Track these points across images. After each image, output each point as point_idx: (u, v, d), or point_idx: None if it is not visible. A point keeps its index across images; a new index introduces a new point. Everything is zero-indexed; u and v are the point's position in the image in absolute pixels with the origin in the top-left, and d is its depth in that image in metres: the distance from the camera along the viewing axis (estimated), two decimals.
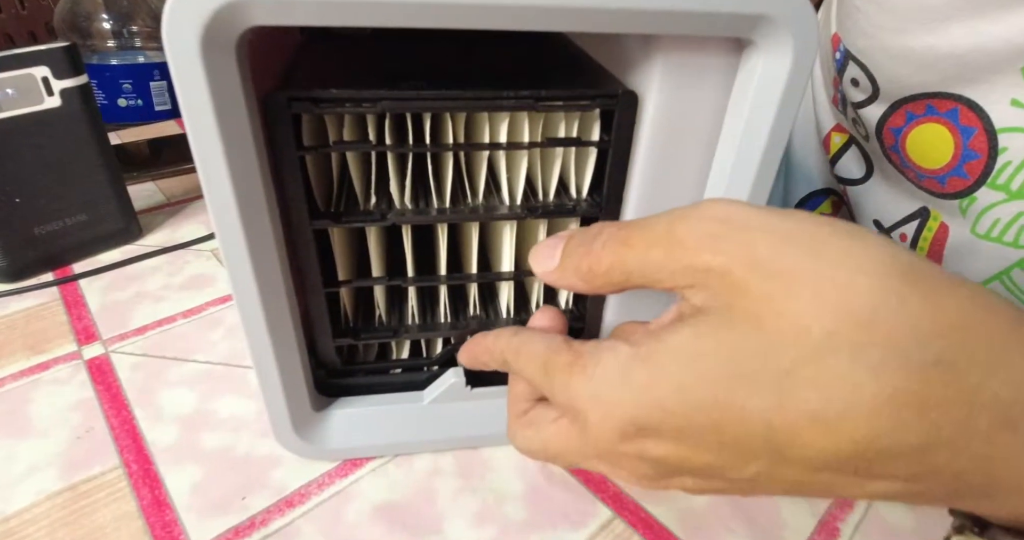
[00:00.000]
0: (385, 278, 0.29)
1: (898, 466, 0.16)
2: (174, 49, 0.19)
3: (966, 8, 0.34)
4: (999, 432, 0.15)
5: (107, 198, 0.46)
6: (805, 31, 0.21)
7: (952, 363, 0.15)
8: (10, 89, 0.40)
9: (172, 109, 0.97)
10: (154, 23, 0.95)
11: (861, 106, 0.45)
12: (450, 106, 0.24)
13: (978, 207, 0.39)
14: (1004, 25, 0.33)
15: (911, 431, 0.15)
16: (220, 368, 0.37)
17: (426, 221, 0.28)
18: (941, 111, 0.38)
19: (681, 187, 0.27)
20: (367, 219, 0.27)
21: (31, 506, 0.29)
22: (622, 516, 0.29)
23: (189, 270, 0.46)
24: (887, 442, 0.15)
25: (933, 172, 0.40)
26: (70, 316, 0.41)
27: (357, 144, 0.26)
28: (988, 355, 0.15)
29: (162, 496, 0.29)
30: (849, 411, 0.15)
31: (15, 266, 0.44)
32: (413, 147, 0.26)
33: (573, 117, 0.27)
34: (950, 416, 0.15)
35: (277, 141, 0.23)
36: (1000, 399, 0.15)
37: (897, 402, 0.15)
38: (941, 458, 0.15)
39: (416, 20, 0.20)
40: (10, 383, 0.36)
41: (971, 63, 0.35)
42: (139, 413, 0.34)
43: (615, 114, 0.25)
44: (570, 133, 0.27)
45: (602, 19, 0.20)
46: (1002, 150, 0.36)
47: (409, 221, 0.27)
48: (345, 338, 0.30)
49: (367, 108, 0.24)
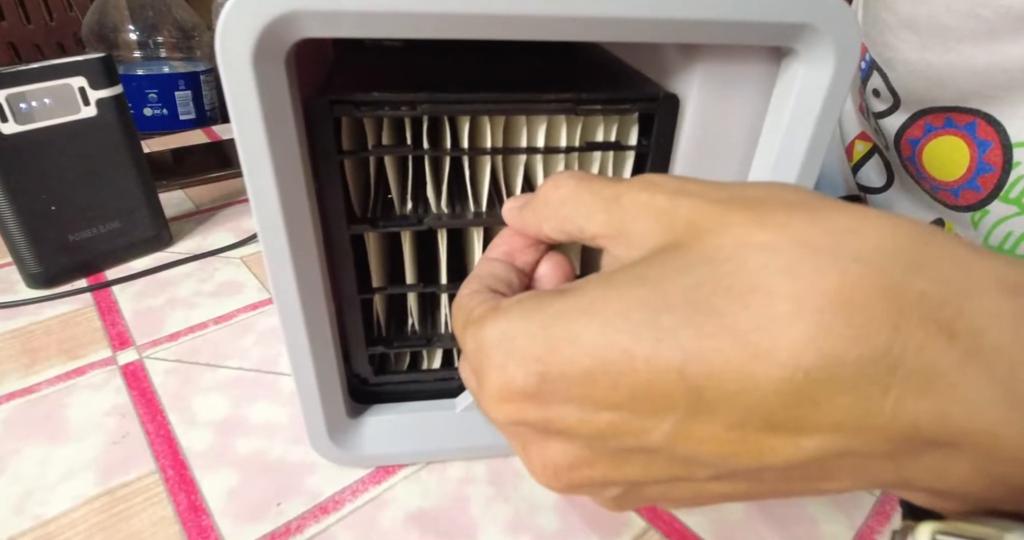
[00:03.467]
0: (420, 285, 0.29)
1: (832, 405, 0.13)
2: (227, 60, 0.19)
3: (981, 30, 0.34)
4: (933, 340, 0.13)
5: (140, 206, 0.47)
6: (847, 41, 0.21)
7: (868, 259, 0.13)
8: (48, 99, 0.41)
9: (196, 118, 0.99)
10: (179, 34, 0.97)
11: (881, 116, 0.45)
12: (489, 109, 0.25)
13: (990, 220, 0.39)
14: (1019, 46, 0.33)
15: (839, 341, 0.13)
16: (252, 374, 0.37)
17: (462, 225, 0.28)
18: (960, 124, 0.38)
19: None
20: (404, 224, 0.27)
21: (69, 511, 0.29)
22: (656, 527, 0.29)
23: (219, 277, 0.47)
24: (814, 359, 0.13)
25: (947, 184, 0.41)
26: (104, 322, 0.42)
27: (396, 148, 0.26)
28: (909, 254, 0.14)
29: (198, 501, 0.30)
30: (766, 325, 0.13)
31: (50, 272, 0.44)
32: (451, 151, 0.26)
33: (612, 121, 0.27)
34: (877, 319, 0.13)
35: (318, 145, 0.24)
36: (928, 298, 0.13)
37: (817, 305, 0.13)
38: (878, 386, 0.13)
39: (458, 31, 0.20)
40: (47, 388, 0.36)
41: (989, 81, 0.35)
42: (173, 418, 0.34)
43: (655, 118, 0.25)
44: (608, 138, 0.27)
45: (644, 29, 0.21)
46: (1016, 164, 0.36)
47: (445, 225, 0.27)
48: (378, 347, 0.30)
49: (406, 111, 0.24)
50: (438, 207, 0.28)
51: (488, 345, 0.17)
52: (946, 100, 0.38)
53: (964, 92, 0.37)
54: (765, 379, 0.13)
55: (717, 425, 0.14)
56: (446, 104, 0.24)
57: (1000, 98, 0.36)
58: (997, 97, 0.36)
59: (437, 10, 0.19)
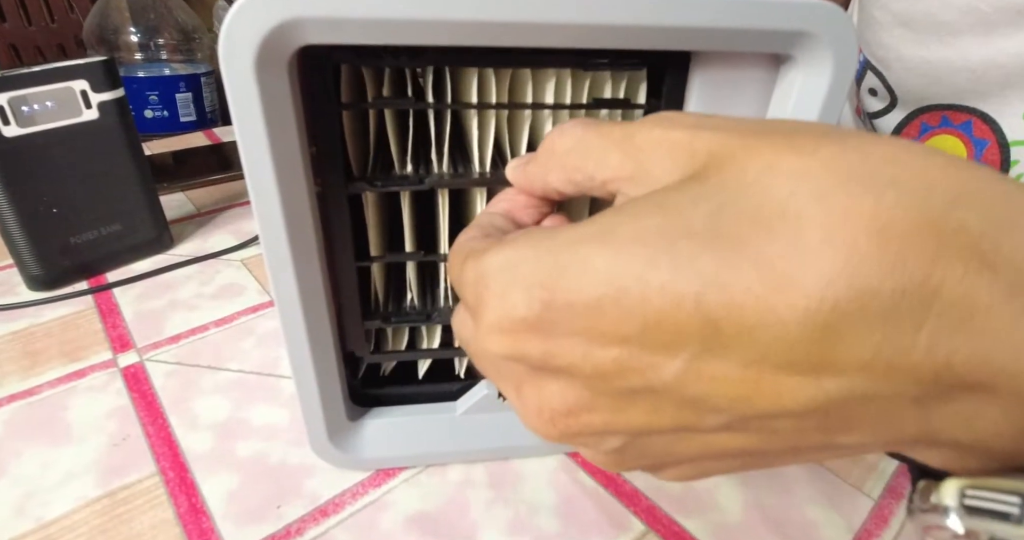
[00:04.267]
0: (420, 253, 0.28)
1: (860, 341, 0.12)
2: (230, 66, 0.19)
3: (978, 24, 0.34)
4: (974, 273, 0.12)
5: (141, 208, 0.47)
6: (845, 48, 0.21)
7: (906, 186, 0.12)
8: (50, 102, 0.41)
9: (197, 120, 0.99)
10: (180, 36, 0.97)
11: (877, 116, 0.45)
12: (495, 61, 0.24)
13: None
14: (1016, 40, 0.34)
15: (872, 271, 0.12)
16: (253, 377, 0.38)
17: (465, 185, 0.27)
18: (956, 123, 0.39)
19: None
20: (404, 183, 0.26)
21: (70, 513, 0.29)
22: (655, 530, 0.29)
23: (220, 279, 0.47)
24: (843, 289, 0.12)
25: None
26: (105, 324, 0.42)
27: (398, 100, 0.25)
28: (950, 183, 0.12)
29: (199, 504, 0.30)
30: (792, 253, 0.12)
31: (51, 275, 0.44)
32: (455, 105, 0.25)
33: (620, 78, 0.26)
34: (915, 248, 0.12)
35: (316, 96, 0.22)
36: (968, 229, 0.12)
37: (850, 232, 0.12)
38: (911, 320, 0.12)
39: (460, 38, 0.20)
40: (47, 390, 0.36)
41: (984, 77, 0.36)
42: (174, 421, 0.34)
43: (665, 76, 0.25)
44: (616, 95, 0.26)
45: (645, 37, 0.21)
46: (1014, 163, 0.37)
47: (447, 185, 0.26)
48: (375, 321, 0.29)
49: (409, 60, 0.23)
50: (440, 167, 0.27)
51: (489, 273, 0.16)
52: (942, 97, 0.39)
53: (960, 89, 0.37)
54: (788, 311, 0.12)
55: (733, 362, 0.13)
56: (452, 54, 0.23)
57: (995, 95, 0.36)
58: (992, 94, 0.36)
59: (439, 17, 0.19)
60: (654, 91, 0.25)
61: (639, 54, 0.23)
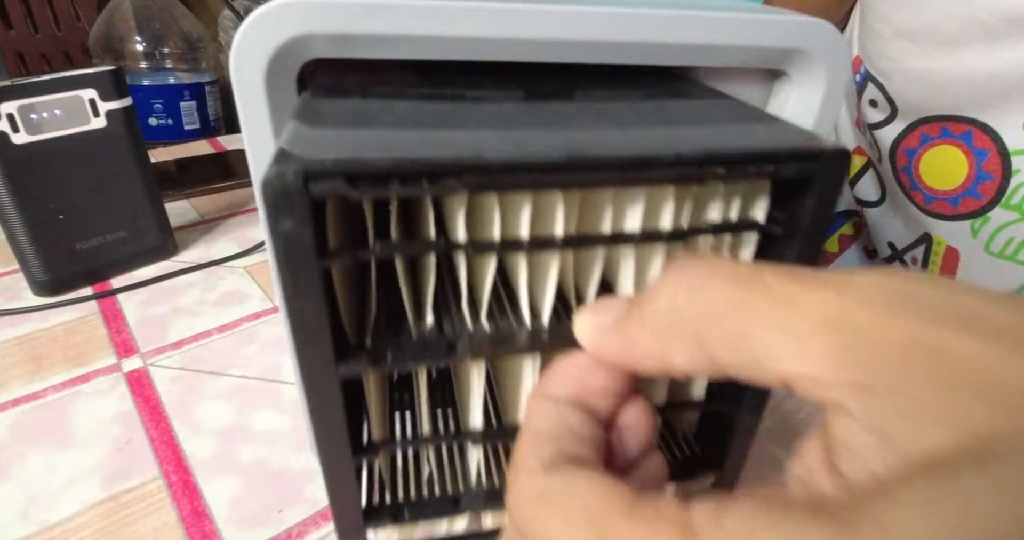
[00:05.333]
0: (441, 437, 0.21)
1: None
2: (240, 78, 0.20)
3: (980, 35, 0.35)
4: None
5: (146, 215, 0.48)
6: (838, 64, 0.22)
7: None
8: (59, 110, 0.42)
9: (200, 128, 1.00)
10: (185, 45, 0.98)
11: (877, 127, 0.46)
12: (567, 180, 0.15)
13: (992, 227, 0.40)
14: (1017, 51, 0.34)
15: None
16: (255, 382, 0.38)
17: (513, 351, 0.19)
18: (956, 134, 0.40)
19: None
20: (425, 355, 0.18)
21: (74, 515, 0.30)
22: None
23: (223, 286, 0.47)
24: None
25: (946, 193, 0.42)
26: (109, 329, 0.42)
27: (415, 244, 0.17)
28: None
29: (201, 507, 0.30)
30: None
31: (56, 280, 0.45)
32: (504, 247, 0.17)
33: (736, 191, 0.18)
34: None
35: (282, 243, 0.14)
36: None
37: None
38: None
39: (464, 53, 0.21)
40: (52, 394, 0.37)
41: (985, 88, 0.37)
42: (178, 425, 0.35)
43: (813, 182, 0.17)
44: (728, 216, 0.19)
45: (647, 53, 0.21)
46: (1015, 172, 0.37)
47: (487, 353, 0.18)
48: (382, 521, 0.21)
49: (437, 186, 0.15)
50: (475, 322, 0.18)
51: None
52: (943, 108, 0.39)
53: (961, 100, 0.38)
54: None
55: None
56: (504, 172, 0.15)
57: (995, 107, 0.37)
58: (992, 106, 0.37)
59: (444, 33, 0.20)
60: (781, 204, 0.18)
61: (778, 157, 0.16)
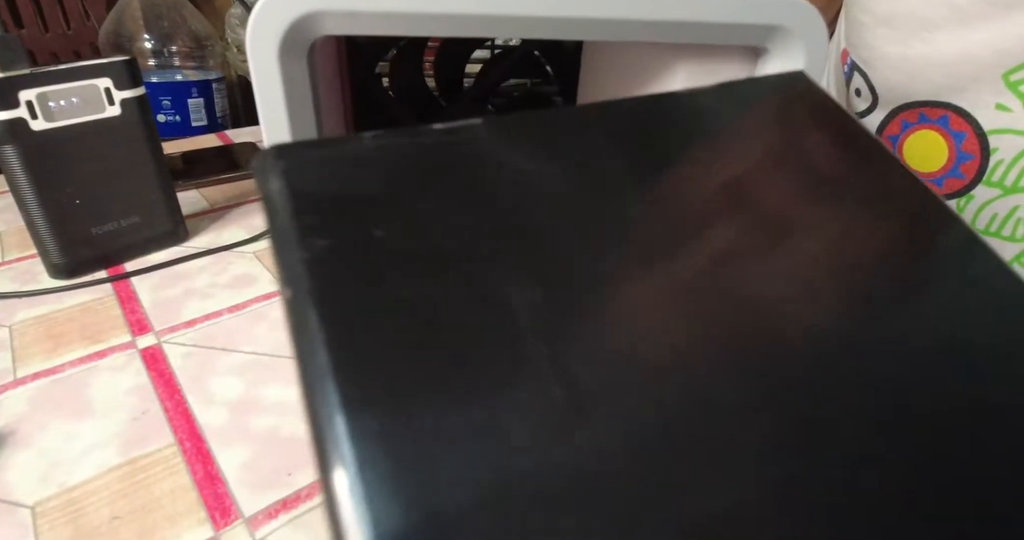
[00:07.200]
0: None
1: None
2: (255, 54, 0.21)
3: (954, 18, 0.37)
4: None
5: (158, 202, 0.49)
6: (815, 39, 0.23)
7: None
8: (75, 98, 0.43)
9: (208, 125, 1.01)
10: (193, 44, 1.00)
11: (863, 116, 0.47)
12: None
13: (976, 204, 0.41)
14: (987, 32, 0.36)
15: None
16: (266, 358, 0.39)
17: None
18: (932, 118, 0.41)
19: None
20: None
21: (93, 478, 0.31)
22: None
23: (233, 270, 0.49)
24: None
25: (930, 175, 0.43)
26: (124, 310, 0.44)
27: None
28: None
29: (214, 471, 0.32)
30: None
31: (72, 264, 0.46)
32: None
33: None
34: None
35: None
36: None
37: None
38: None
39: (471, 30, 0.22)
40: (70, 369, 0.38)
41: (958, 71, 0.38)
42: (191, 398, 0.36)
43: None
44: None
45: (636, 30, 0.23)
46: (993, 150, 0.39)
47: None
48: None
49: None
50: None
51: None
52: (920, 94, 0.41)
53: (937, 85, 0.39)
54: None
55: None
56: None
57: (968, 90, 0.38)
58: (966, 89, 0.38)
59: (451, 10, 0.21)
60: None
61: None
